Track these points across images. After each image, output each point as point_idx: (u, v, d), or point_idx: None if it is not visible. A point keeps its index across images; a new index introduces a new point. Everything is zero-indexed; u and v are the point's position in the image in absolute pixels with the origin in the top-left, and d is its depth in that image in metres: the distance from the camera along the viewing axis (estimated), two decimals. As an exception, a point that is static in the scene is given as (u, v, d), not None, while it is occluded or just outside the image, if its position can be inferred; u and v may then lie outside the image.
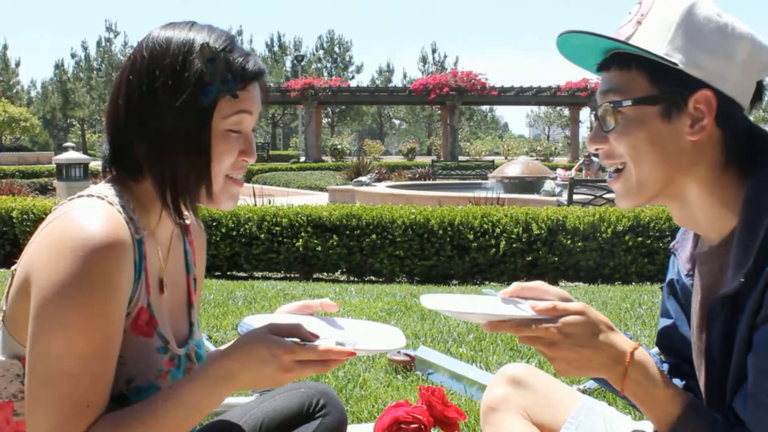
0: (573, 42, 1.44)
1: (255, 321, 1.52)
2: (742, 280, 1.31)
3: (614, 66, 1.41)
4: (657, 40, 1.36)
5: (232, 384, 1.35)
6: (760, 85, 1.41)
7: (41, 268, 1.30)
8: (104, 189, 1.45)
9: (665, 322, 1.68)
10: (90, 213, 1.35)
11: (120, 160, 1.48)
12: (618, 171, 1.44)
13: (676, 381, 1.66)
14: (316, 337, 1.37)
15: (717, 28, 1.36)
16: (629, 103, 1.38)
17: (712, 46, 1.35)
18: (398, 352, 3.90)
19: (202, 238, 1.76)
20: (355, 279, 8.68)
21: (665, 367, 1.69)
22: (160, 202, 1.46)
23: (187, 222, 1.67)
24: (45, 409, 1.28)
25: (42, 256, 1.32)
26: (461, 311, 1.43)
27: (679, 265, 1.62)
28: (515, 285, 1.53)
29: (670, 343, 1.68)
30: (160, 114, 1.41)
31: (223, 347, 1.46)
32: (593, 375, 1.40)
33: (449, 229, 8.40)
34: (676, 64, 1.34)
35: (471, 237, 8.32)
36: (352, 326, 1.60)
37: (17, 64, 69.55)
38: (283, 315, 1.62)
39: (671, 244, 1.66)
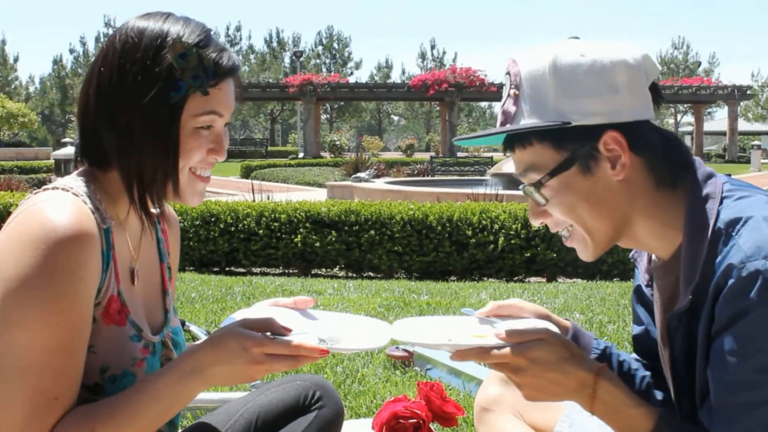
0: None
1: (240, 316, 1.50)
2: (691, 297, 1.32)
3: (517, 145, 1.41)
4: (541, 107, 1.35)
5: (203, 378, 1.35)
6: (654, 86, 1.40)
7: (5, 263, 1.30)
8: (70, 181, 1.44)
9: (637, 329, 1.68)
10: (53, 205, 1.34)
11: (89, 150, 1.47)
12: (569, 232, 1.45)
13: (658, 393, 1.65)
14: (289, 331, 1.37)
15: (588, 69, 1.34)
16: (548, 178, 1.38)
17: (593, 89, 1.34)
18: (396, 347, 3.90)
19: (176, 226, 1.74)
20: (354, 275, 8.68)
21: (649, 374, 1.68)
22: (126, 195, 1.45)
23: (162, 209, 1.66)
24: (12, 404, 1.28)
25: (6, 250, 1.31)
26: (427, 343, 1.42)
27: (639, 275, 1.62)
28: (491, 304, 1.53)
29: (646, 348, 1.67)
30: (129, 108, 1.39)
31: (197, 342, 1.45)
32: (561, 399, 1.39)
33: (448, 225, 8.40)
34: (570, 123, 1.33)
35: (469, 233, 8.32)
36: (339, 322, 1.57)
37: (16, 60, 69.47)
38: (267, 308, 1.60)
39: (630, 254, 1.66)
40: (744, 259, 1.24)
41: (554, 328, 1.47)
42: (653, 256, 1.53)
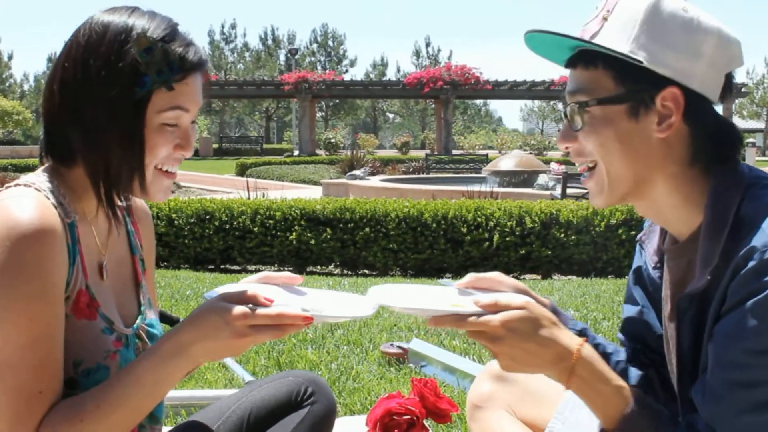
0: (540, 38, 1.43)
1: (223, 290, 1.47)
2: (709, 278, 1.31)
3: (581, 64, 1.40)
4: (622, 37, 1.35)
5: (188, 356, 1.33)
6: (729, 77, 1.40)
7: None
8: (32, 177, 1.44)
9: (631, 309, 1.68)
10: (15, 202, 1.34)
11: (53, 146, 1.46)
12: (591, 170, 1.44)
13: (634, 370, 1.66)
14: (271, 302, 1.35)
15: (683, 23, 1.34)
16: (595, 103, 1.37)
17: (679, 43, 1.34)
18: (391, 344, 3.90)
19: (147, 218, 1.73)
20: (349, 272, 8.69)
21: (622, 354, 1.68)
22: (93, 191, 1.44)
23: (129, 203, 1.66)
24: None
25: None
26: (404, 307, 1.40)
27: (647, 257, 1.61)
28: (470, 276, 1.52)
29: (635, 329, 1.68)
30: (94, 104, 1.38)
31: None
32: (538, 371, 1.38)
33: (443, 222, 8.40)
34: (642, 62, 1.32)
35: (464, 230, 8.32)
36: (322, 295, 1.55)
37: (10, 57, 69.31)
38: (247, 284, 1.58)
39: (638, 236, 1.65)
40: (767, 243, 1.23)
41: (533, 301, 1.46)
42: (666, 237, 1.53)
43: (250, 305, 1.34)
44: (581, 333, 1.64)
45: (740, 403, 1.24)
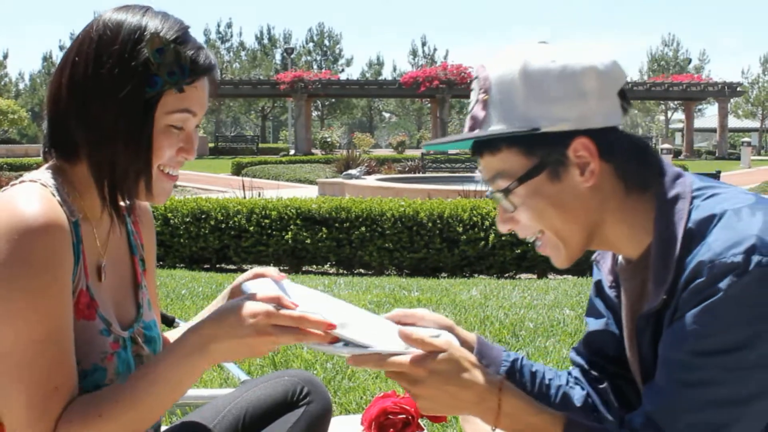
0: (441, 145, 1.45)
1: (253, 287, 1.45)
2: (665, 297, 1.32)
3: (486, 151, 1.39)
4: (510, 114, 1.34)
5: (208, 355, 1.33)
6: (622, 92, 1.39)
7: None
8: (37, 174, 1.42)
9: (595, 322, 1.65)
10: (22, 197, 1.33)
11: (57, 141, 1.44)
12: (541, 239, 1.43)
13: (578, 390, 1.64)
14: (296, 306, 1.34)
15: (558, 75, 1.33)
16: (516, 184, 1.37)
17: (562, 95, 1.33)
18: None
19: (148, 217, 1.71)
20: (345, 272, 8.69)
21: (563, 378, 1.66)
22: (96, 190, 1.43)
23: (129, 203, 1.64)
24: (14, 401, 1.27)
25: None
26: (326, 349, 1.36)
27: (602, 276, 1.61)
28: (396, 311, 1.52)
29: (598, 342, 1.66)
30: (103, 101, 1.37)
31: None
32: (460, 413, 1.37)
33: (438, 221, 8.41)
34: (539, 129, 1.32)
35: (460, 230, 8.33)
36: (353, 314, 1.48)
37: (5, 56, 69.11)
38: (280, 283, 1.54)
39: (593, 257, 1.64)
40: (713, 257, 1.24)
41: (455, 340, 1.44)
42: (619, 258, 1.52)
43: (275, 305, 1.33)
44: (514, 364, 1.62)
45: (685, 402, 1.26)
